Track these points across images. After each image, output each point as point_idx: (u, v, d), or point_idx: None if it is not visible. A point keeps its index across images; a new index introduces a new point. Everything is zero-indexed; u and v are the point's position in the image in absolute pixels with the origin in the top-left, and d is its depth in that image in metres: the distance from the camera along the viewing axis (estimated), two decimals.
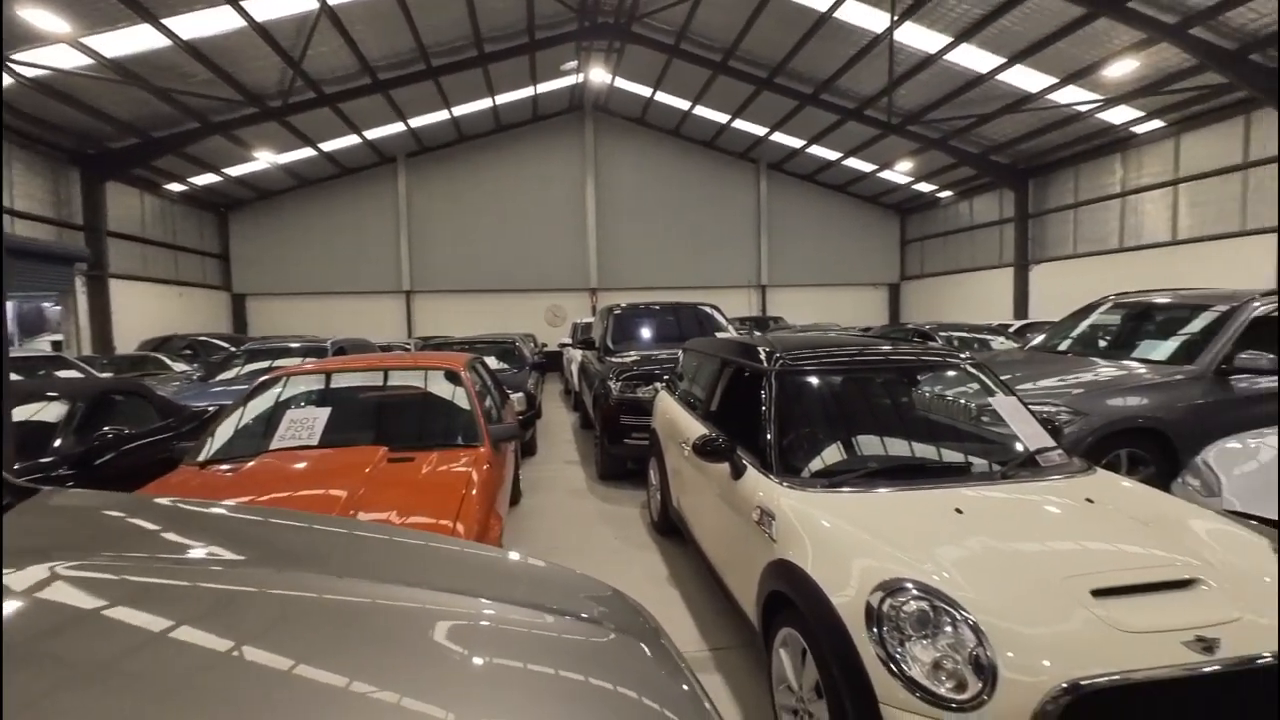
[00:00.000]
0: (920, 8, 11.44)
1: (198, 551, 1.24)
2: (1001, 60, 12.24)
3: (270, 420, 3.70)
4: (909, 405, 3.35)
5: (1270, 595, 1.82)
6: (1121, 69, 11.20)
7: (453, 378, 4.07)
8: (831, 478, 2.56)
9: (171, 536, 1.31)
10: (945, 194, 19.93)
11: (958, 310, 18.91)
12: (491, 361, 8.53)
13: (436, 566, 1.34)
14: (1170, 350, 4.98)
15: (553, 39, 15.05)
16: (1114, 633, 1.66)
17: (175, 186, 16.71)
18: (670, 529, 4.38)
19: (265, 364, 7.90)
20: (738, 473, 2.81)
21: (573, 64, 16.12)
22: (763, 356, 3.17)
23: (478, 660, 0.92)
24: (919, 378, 3.39)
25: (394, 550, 1.38)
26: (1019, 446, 2.81)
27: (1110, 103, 12.62)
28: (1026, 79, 12.67)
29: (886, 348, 3.48)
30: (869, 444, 2.92)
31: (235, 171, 17.24)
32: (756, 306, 21.72)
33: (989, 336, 9.58)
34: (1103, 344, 5.69)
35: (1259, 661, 1.65)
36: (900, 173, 18.99)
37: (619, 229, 21.18)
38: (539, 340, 18.08)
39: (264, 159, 16.44)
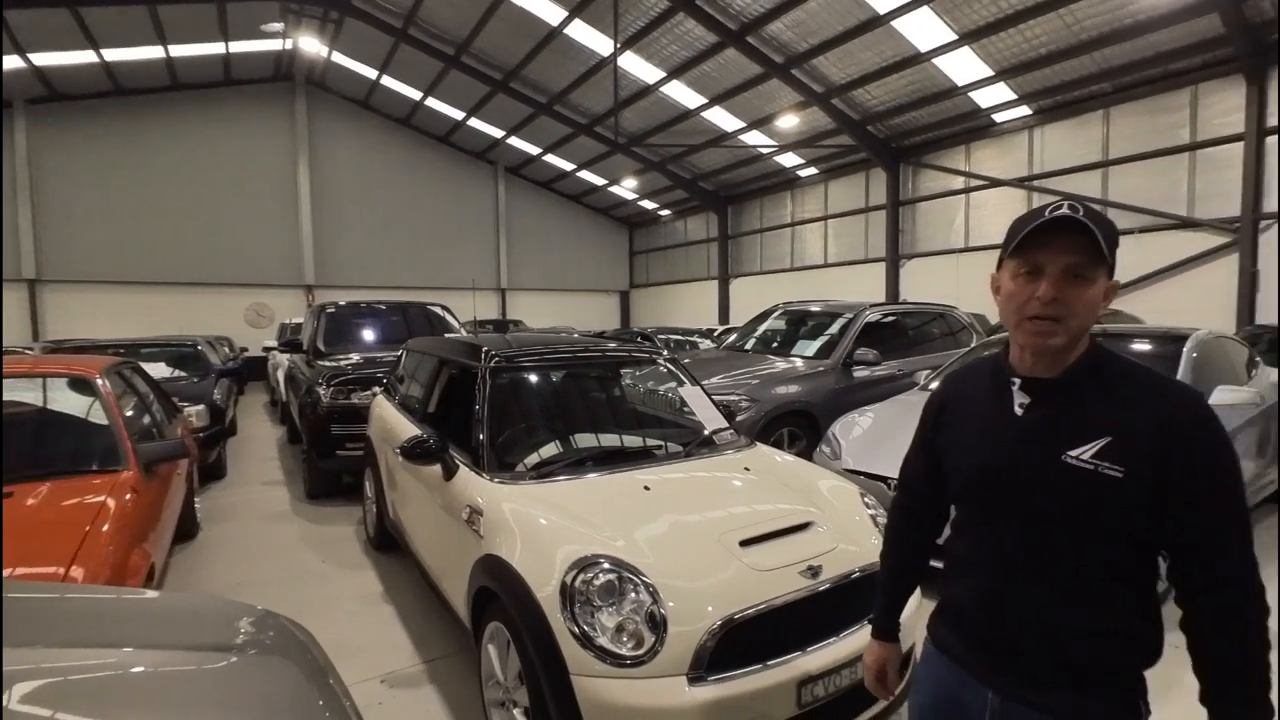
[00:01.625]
0: (639, 41, 12.61)
1: None
2: (705, 100, 14.15)
3: None
4: (617, 397, 3.65)
5: (857, 529, 2.41)
6: (788, 123, 13.86)
7: (83, 387, 3.20)
8: (538, 469, 2.65)
9: None
10: (665, 212, 22.28)
11: (678, 316, 21.27)
12: (161, 369, 6.99)
13: (43, 621, 1.13)
14: (817, 348, 6.30)
15: None
16: (754, 573, 2.02)
17: None
18: (389, 543, 4.07)
19: None
20: (449, 473, 2.74)
21: (277, 26, 14.06)
22: (477, 354, 3.14)
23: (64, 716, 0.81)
24: (623, 372, 3.71)
25: None
26: (704, 430, 3.25)
27: (782, 149, 15.51)
28: (724, 119, 14.87)
29: (601, 345, 3.74)
30: (578, 435, 3.08)
31: None
32: (497, 309, 21.56)
33: (698, 339, 11.04)
34: (775, 344, 6.94)
35: (852, 577, 2.17)
36: (627, 189, 20.67)
37: (341, 221, 19.07)
38: (236, 344, 15.30)
39: None
